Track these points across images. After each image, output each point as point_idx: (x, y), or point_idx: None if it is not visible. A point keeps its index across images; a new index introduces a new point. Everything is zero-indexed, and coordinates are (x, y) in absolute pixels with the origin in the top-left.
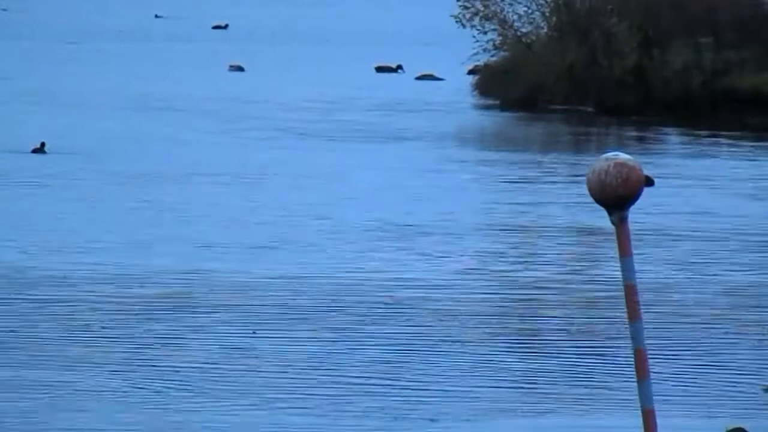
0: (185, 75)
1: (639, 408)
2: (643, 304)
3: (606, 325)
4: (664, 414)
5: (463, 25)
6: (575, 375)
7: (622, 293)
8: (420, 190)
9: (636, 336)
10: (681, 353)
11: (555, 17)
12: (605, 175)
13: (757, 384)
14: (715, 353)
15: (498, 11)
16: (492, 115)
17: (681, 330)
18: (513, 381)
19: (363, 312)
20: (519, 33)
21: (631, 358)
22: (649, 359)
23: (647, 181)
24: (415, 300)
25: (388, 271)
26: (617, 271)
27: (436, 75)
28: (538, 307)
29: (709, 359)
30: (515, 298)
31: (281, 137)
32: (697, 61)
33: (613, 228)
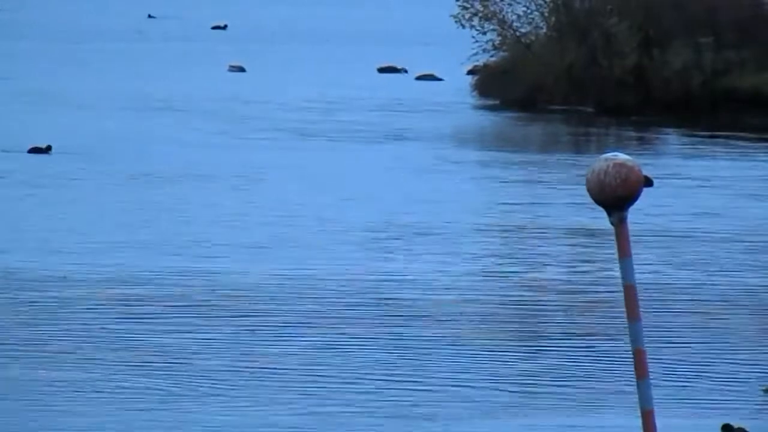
0: (186, 75)
1: (639, 408)
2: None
3: (606, 326)
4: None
5: (463, 26)
6: (575, 375)
7: (621, 294)
8: (419, 190)
9: (635, 336)
10: (681, 353)
11: (554, 17)
12: (604, 176)
13: (757, 384)
14: (715, 353)
15: (497, 11)
16: (491, 116)
17: (681, 330)
18: (513, 381)
19: (362, 312)
20: (518, 33)
21: (631, 358)
22: (649, 360)
23: (646, 182)
24: (415, 300)
25: (387, 271)
26: (616, 272)
27: (436, 75)
28: (537, 307)
29: (709, 359)
30: (515, 298)
31: (282, 137)
32: (697, 61)
33: (613, 228)
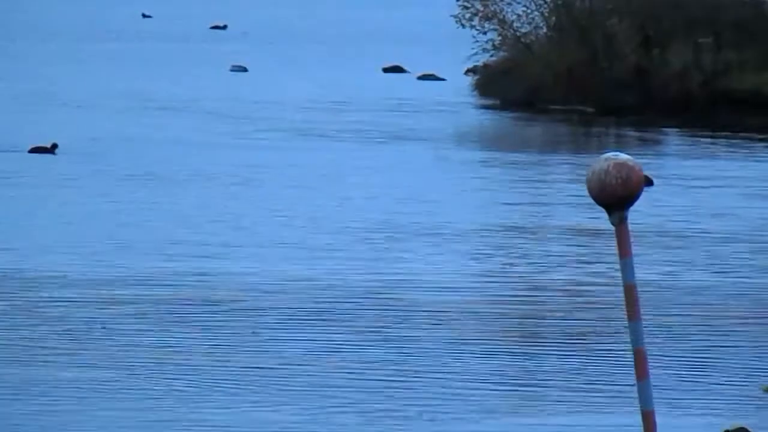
0: (187, 75)
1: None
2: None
3: (606, 325)
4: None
5: (463, 25)
6: (576, 375)
7: (621, 293)
8: (419, 190)
9: (636, 336)
10: (680, 353)
11: (554, 17)
12: (605, 176)
13: (757, 384)
14: (715, 353)
15: (497, 11)
16: (492, 116)
17: (680, 330)
18: (513, 381)
19: (362, 311)
20: (518, 33)
21: (631, 358)
22: (649, 359)
23: (647, 182)
24: (414, 300)
25: (387, 271)
26: (617, 272)
27: (437, 75)
28: (537, 307)
29: (709, 359)
30: (515, 297)
31: (285, 138)
32: (697, 61)
33: (613, 228)
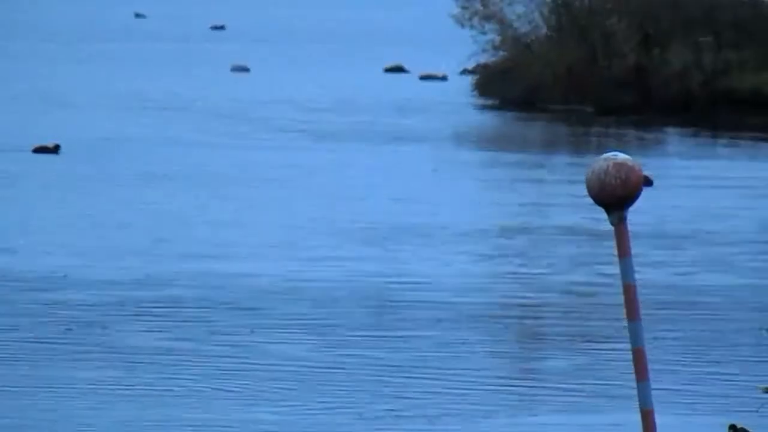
0: (188, 76)
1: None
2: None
3: (606, 325)
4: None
5: (462, 25)
6: (576, 375)
7: (621, 293)
8: (419, 190)
9: (635, 336)
10: (680, 353)
11: (554, 17)
12: (604, 175)
13: (757, 384)
14: (715, 353)
15: (497, 11)
16: (491, 115)
17: (680, 330)
18: (514, 381)
19: (361, 312)
20: (518, 33)
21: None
22: (649, 359)
23: (646, 181)
24: (414, 300)
25: (387, 272)
26: (616, 271)
27: (439, 75)
28: (537, 308)
29: (709, 359)
30: (515, 297)
31: (287, 138)
32: (697, 61)
33: (612, 228)
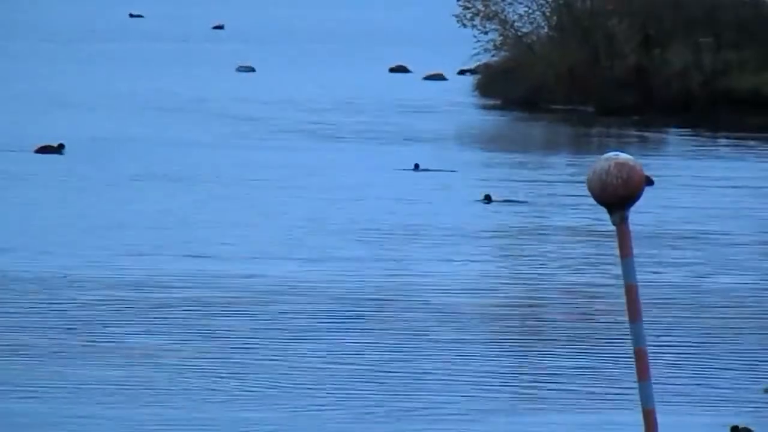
0: (193, 75)
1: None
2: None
3: (606, 325)
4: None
5: (464, 25)
6: (576, 374)
7: (622, 293)
8: (420, 190)
9: (637, 336)
10: (680, 353)
11: (556, 17)
12: (606, 175)
13: (757, 384)
14: (716, 353)
15: (499, 11)
16: (493, 115)
17: (680, 330)
18: (515, 380)
19: (363, 312)
20: (520, 33)
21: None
22: (650, 359)
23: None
24: (416, 300)
25: (387, 272)
26: (618, 271)
27: (442, 75)
28: (538, 307)
29: (710, 359)
30: (516, 297)
31: (292, 138)
32: (697, 61)
33: (614, 228)
